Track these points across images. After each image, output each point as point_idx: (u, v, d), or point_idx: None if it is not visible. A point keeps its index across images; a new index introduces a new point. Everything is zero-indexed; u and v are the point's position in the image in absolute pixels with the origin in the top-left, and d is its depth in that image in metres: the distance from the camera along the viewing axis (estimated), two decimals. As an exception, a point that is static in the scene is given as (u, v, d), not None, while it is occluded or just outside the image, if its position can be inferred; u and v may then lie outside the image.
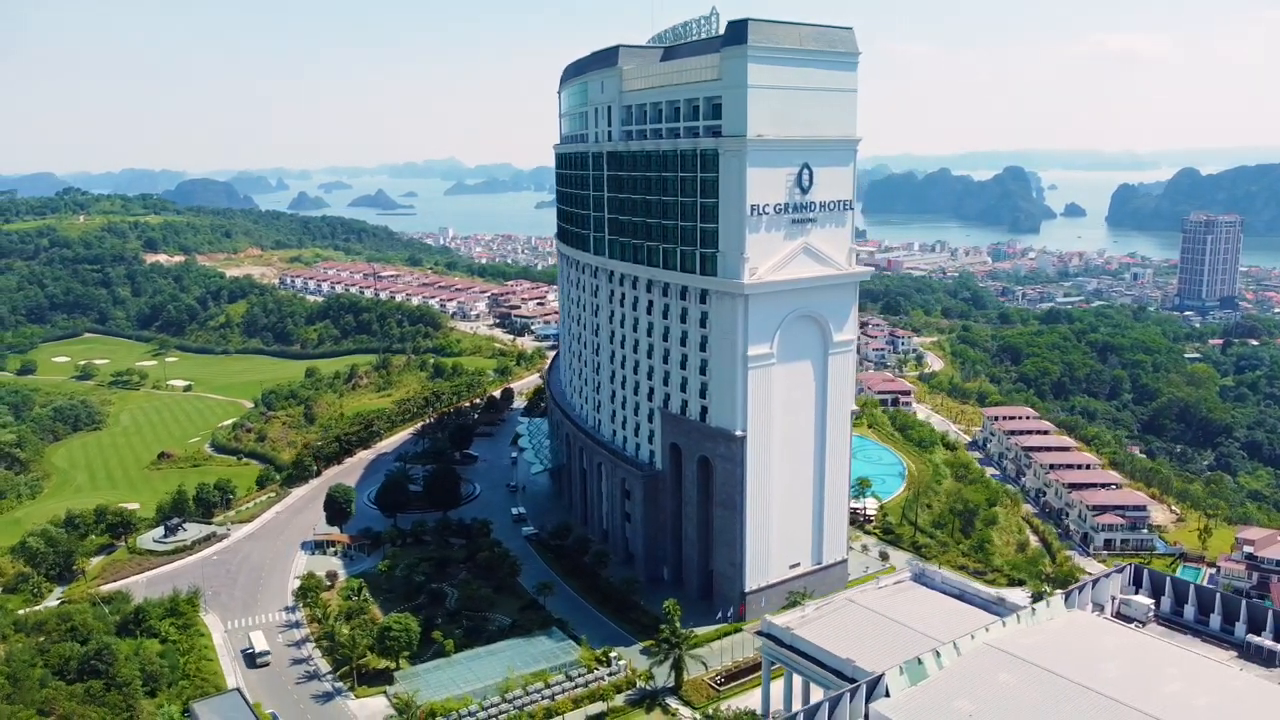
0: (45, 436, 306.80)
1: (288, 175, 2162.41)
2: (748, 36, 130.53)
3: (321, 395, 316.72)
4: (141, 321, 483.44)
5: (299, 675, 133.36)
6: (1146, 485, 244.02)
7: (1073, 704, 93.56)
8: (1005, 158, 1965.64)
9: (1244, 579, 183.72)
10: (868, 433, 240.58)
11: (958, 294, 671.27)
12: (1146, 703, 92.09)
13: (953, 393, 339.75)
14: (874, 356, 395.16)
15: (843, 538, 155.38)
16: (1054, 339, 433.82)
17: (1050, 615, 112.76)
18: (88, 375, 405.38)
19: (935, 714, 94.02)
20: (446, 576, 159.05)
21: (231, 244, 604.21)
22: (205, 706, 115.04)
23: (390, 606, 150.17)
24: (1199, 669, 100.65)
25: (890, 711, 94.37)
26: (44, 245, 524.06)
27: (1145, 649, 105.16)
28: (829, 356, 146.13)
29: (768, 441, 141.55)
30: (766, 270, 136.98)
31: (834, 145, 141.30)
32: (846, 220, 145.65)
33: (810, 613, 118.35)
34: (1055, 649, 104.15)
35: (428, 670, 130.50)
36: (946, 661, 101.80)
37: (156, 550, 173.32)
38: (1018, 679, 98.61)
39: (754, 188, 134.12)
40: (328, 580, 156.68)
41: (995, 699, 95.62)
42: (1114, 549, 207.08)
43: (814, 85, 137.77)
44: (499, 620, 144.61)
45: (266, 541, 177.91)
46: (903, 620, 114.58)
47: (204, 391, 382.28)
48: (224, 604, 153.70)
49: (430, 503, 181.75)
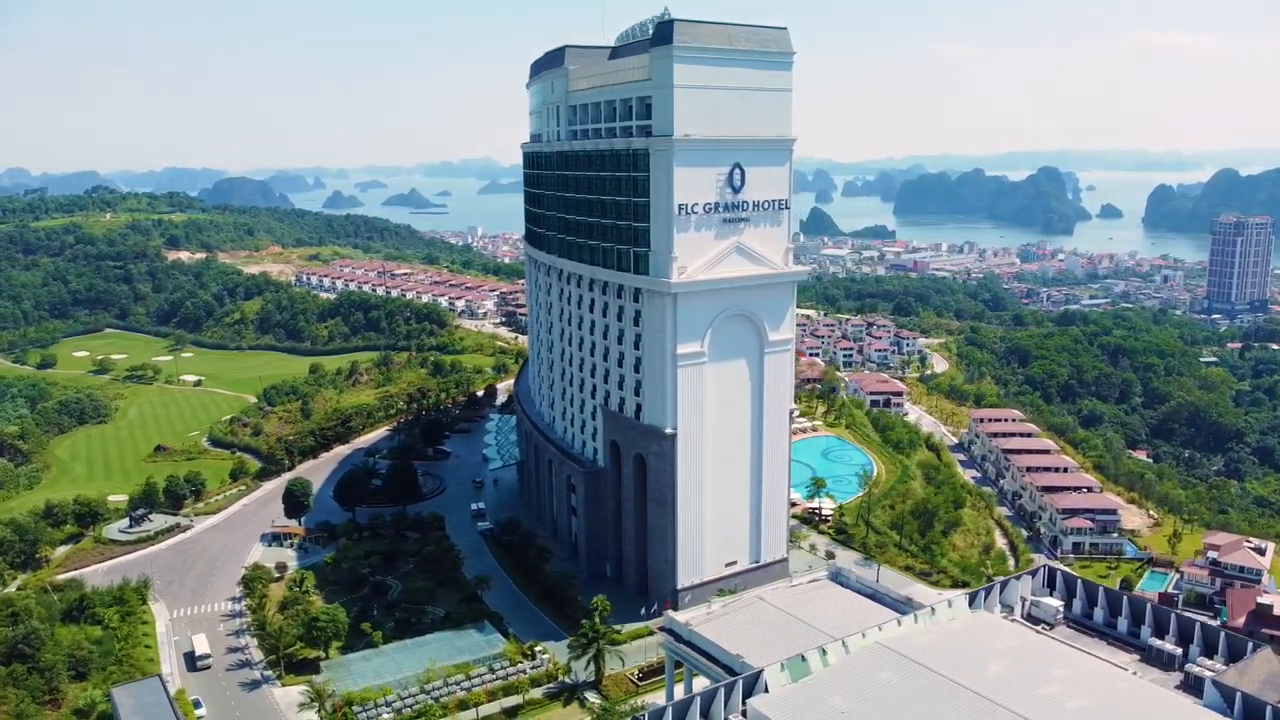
0: (50, 429, 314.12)
1: (325, 174, 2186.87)
2: (673, 37, 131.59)
3: (321, 391, 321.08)
4: (160, 317, 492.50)
5: (232, 663, 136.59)
6: (1128, 490, 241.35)
7: (946, 702, 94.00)
8: (1047, 158, 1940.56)
9: (1206, 584, 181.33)
10: (844, 433, 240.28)
11: (978, 296, 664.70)
12: (1018, 703, 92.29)
13: (951, 394, 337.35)
14: (876, 357, 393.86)
15: (783, 536, 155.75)
16: (1064, 341, 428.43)
17: (952, 616, 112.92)
18: (104, 370, 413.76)
19: (809, 710, 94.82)
20: (393, 569, 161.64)
21: (254, 241, 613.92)
22: (124, 691, 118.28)
23: (334, 598, 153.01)
24: (1085, 671, 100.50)
25: (765, 707, 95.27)
26: (69, 242, 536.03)
27: (1036, 651, 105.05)
28: (765, 355, 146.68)
29: (700, 439, 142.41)
30: (696, 269, 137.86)
31: (768, 145, 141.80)
32: (783, 220, 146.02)
33: (717, 609, 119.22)
34: (945, 649, 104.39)
35: (355, 660, 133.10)
36: (833, 659, 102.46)
37: (120, 540, 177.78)
38: (899, 677, 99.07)
39: (681, 187, 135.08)
40: (277, 572, 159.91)
41: (872, 696, 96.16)
42: (1082, 553, 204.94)
43: (745, 85, 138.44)
44: (434, 613, 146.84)
45: (228, 533, 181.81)
46: (806, 619, 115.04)
47: (214, 387, 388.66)
48: (174, 593, 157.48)
49: (389, 497, 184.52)
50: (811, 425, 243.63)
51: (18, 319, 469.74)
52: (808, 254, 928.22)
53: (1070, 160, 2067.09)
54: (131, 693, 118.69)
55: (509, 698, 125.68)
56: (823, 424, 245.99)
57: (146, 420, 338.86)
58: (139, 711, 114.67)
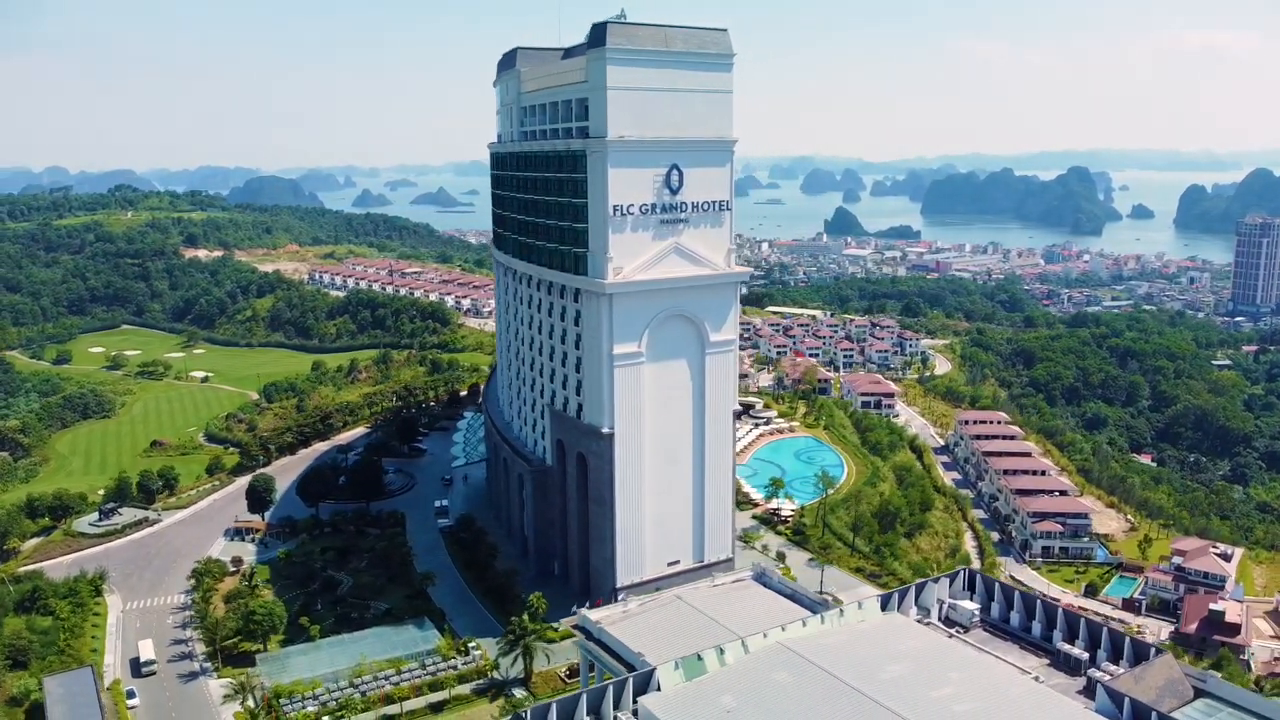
0: (54, 423, 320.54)
1: (357, 173, 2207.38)
2: (606, 39, 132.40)
3: (319, 389, 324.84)
4: (175, 314, 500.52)
5: (174, 655, 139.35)
6: (1109, 494, 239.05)
7: (834, 703, 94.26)
8: (1080, 157, 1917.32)
9: (1170, 590, 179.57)
10: (822, 434, 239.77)
11: (995, 297, 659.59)
12: (905, 705, 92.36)
13: (947, 396, 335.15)
14: (877, 358, 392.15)
15: (728, 537, 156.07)
16: (1071, 344, 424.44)
17: (862, 617, 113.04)
18: (117, 365, 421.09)
19: (697, 708, 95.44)
20: (347, 565, 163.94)
21: (271, 240, 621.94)
22: (55, 680, 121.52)
23: (285, 592, 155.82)
24: (983, 675, 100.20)
25: (654, 705, 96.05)
26: (90, 240, 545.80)
27: (938, 654, 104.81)
28: (706, 356, 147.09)
29: (639, 439, 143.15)
30: (633, 269, 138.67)
31: (707, 146, 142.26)
32: (724, 221, 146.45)
33: (634, 608, 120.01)
34: (846, 650, 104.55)
35: (292, 654, 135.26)
36: (730, 659, 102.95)
37: (89, 534, 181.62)
38: (793, 678, 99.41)
39: (616, 188, 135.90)
40: (232, 566, 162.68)
41: (762, 696, 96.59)
42: (1051, 557, 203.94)
43: (683, 87, 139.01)
44: (378, 608, 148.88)
45: (194, 527, 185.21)
46: (719, 618, 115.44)
47: (220, 383, 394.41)
48: (131, 586, 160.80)
49: (352, 494, 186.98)
50: (789, 426, 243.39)
51: (36, 315, 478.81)
52: (828, 254, 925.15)
53: (1103, 160, 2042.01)
54: (62, 682, 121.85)
55: (435, 693, 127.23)
56: (801, 425, 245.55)
57: (149, 416, 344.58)
58: (66, 700, 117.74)
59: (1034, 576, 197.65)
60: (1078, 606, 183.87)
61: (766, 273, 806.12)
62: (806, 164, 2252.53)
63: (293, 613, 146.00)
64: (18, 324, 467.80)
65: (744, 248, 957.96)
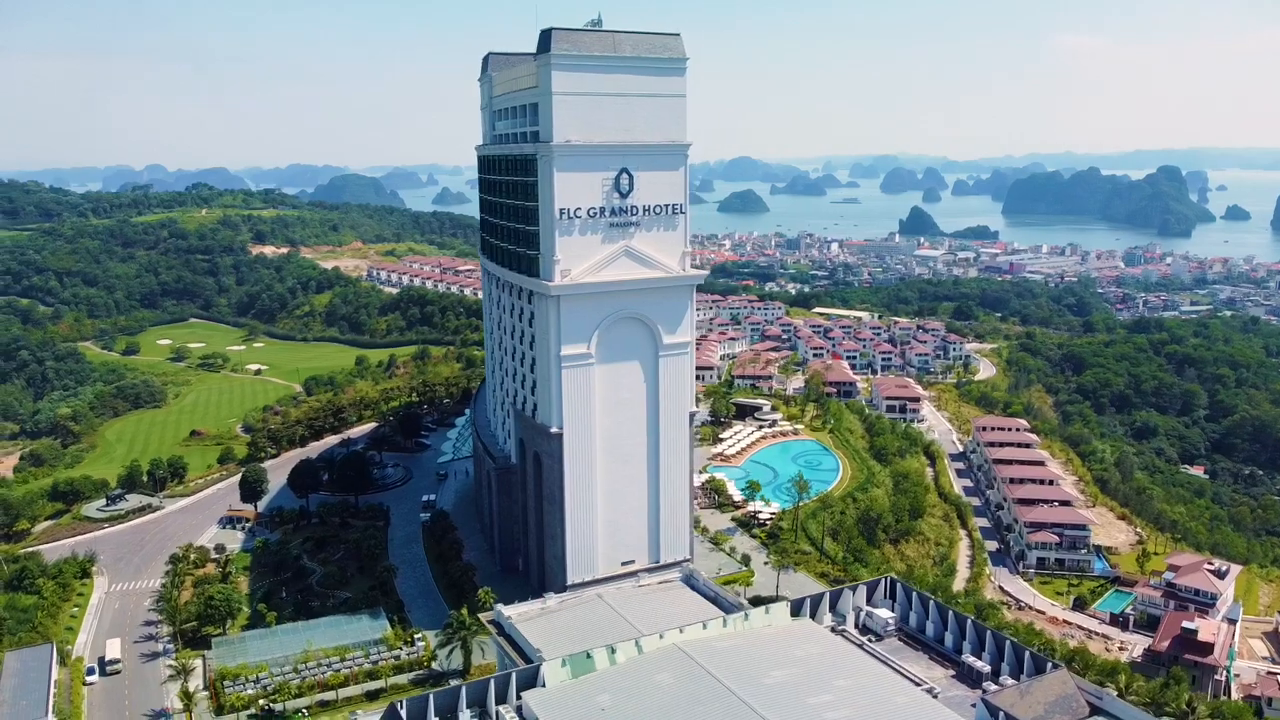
0: (105, 412, 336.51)
1: (440, 171, 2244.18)
2: (551, 45, 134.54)
3: (356, 383, 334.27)
4: (240, 309, 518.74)
5: (141, 635, 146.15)
6: (1121, 505, 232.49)
7: (707, 706, 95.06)
8: (1177, 156, 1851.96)
9: (1160, 606, 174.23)
10: (824, 437, 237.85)
11: (1061, 300, 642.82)
12: (775, 710, 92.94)
13: (981, 402, 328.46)
14: (917, 362, 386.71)
15: (685, 539, 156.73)
16: (1125, 349, 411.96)
17: (768, 621, 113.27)
18: (181, 357, 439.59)
19: (573, 705, 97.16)
20: (323, 555, 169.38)
21: (337, 237, 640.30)
22: (14, 655, 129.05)
23: (261, 579, 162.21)
24: (870, 684, 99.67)
25: (534, 700, 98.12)
26: (164, 236, 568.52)
27: (831, 661, 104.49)
28: (660, 359, 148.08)
29: (589, 439, 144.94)
30: (581, 272, 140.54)
31: (658, 150, 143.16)
32: (678, 224, 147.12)
33: (552, 605, 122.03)
34: (738, 653, 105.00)
35: (247, 638, 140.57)
36: (621, 658, 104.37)
37: (94, 518, 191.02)
38: (675, 679, 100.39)
39: (563, 191, 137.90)
40: (216, 553, 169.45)
41: (640, 696, 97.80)
42: (1047, 568, 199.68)
43: (633, 91, 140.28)
44: (340, 597, 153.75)
45: (193, 515, 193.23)
46: (632, 619, 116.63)
47: (272, 376, 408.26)
48: (119, 569, 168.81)
49: (341, 486, 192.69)
50: (794, 429, 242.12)
51: (110, 308, 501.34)
52: (897, 255, 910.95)
53: (1202, 159, 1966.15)
54: (20, 657, 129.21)
55: (373, 682, 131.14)
56: (806, 428, 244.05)
57: (198, 407, 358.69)
58: (19, 674, 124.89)
59: (1023, 588, 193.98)
60: (1062, 620, 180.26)
61: (830, 273, 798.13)
62: (889, 163, 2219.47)
63: (257, 599, 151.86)
64: (93, 316, 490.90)
65: (811, 248, 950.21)
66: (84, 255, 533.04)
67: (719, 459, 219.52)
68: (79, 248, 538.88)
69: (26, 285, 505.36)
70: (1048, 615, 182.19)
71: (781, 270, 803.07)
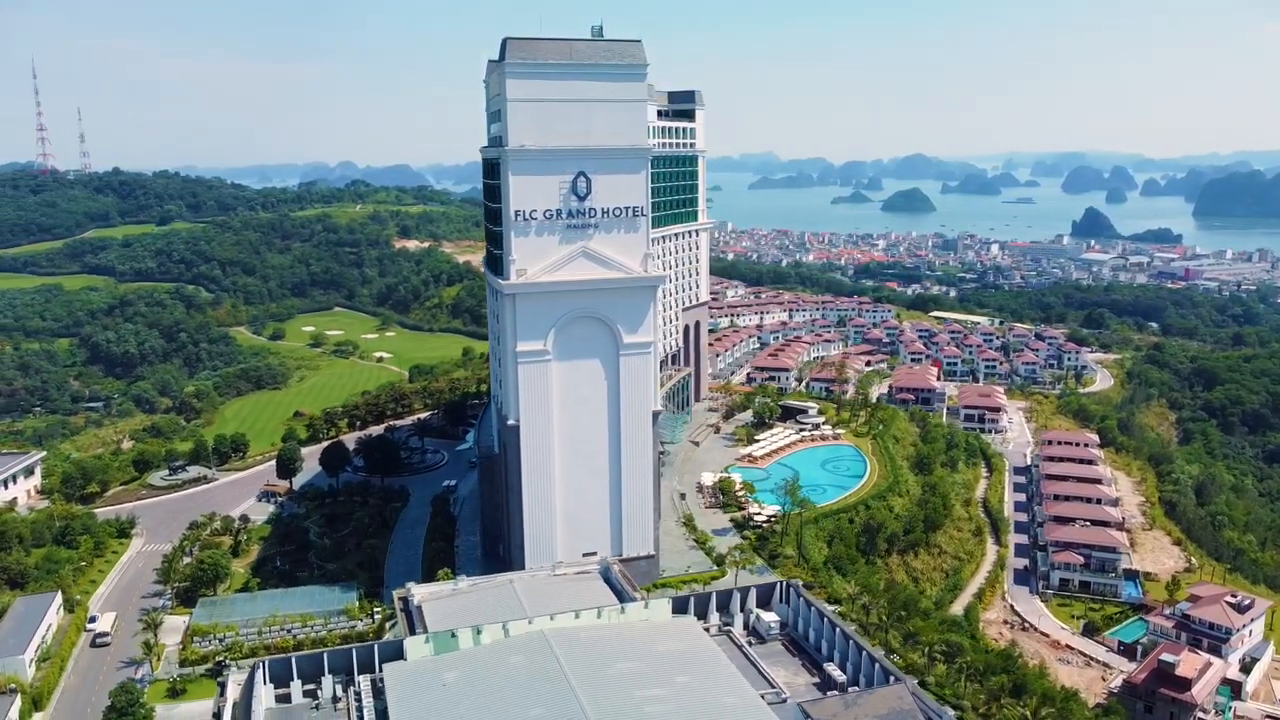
0: (229, 392, 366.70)
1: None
2: (506, 55, 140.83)
3: (450, 373, 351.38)
4: (379, 299, 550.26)
5: (149, 591, 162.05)
6: (1182, 530, 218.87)
7: (537, 689, 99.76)
8: None
9: (1170, 637, 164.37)
10: (863, 442, 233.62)
11: (1226, 310, 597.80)
12: (598, 699, 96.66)
13: (1078, 415, 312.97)
14: (1024, 370, 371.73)
15: (649, 533, 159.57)
16: (1267, 364, 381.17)
17: (646, 616, 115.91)
18: (318, 343, 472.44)
19: (421, 679, 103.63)
20: (332, 529, 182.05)
21: (478, 233, 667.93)
22: (24, 600, 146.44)
23: (270, 548, 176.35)
24: (707, 685, 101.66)
25: (390, 672, 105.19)
26: (318, 230, 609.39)
27: (683, 659, 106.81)
28: (621, 357, 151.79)
29: (547, 432, 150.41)
30: (537, 271, 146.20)
31: (617, 154, 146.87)
32: (639, 226, 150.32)
33: (464, 586, 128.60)
34: (595, 644, 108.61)
35: (229, 600, 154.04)
36: (486, 639, 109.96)
37: (156, 485, 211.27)
38: (526, 663, 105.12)
39: (518, 193, 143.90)
40: (240, 522, 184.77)
41: (486, 677, 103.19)
42: (1070, 589, 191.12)
43: (591, 97, 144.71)
44: (328, 569, 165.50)
45: (239, 488, 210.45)
46: (529, 604, 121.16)
47: (393, 364, 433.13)
48: (156, 532, 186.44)
49: (369, 468, 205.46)
50: (834, 434, 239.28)
51: (264, 296, 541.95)
52: (1056, 258, 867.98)
53: None
54: (28, 602, 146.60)
55: (322, 649, 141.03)
56: (850, 433, 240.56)
57: (315, 390, 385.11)
58: (21, 617, 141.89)
59: (1037, 609, 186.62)
60: (1064, 645, 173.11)
61: (979, 276, 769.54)
62: (1074, 160, 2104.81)
63: (254, 565, 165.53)
64: (248, 303, 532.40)
65: (969, 249, 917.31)
66: (246, 246, 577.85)
67: (747, 460, 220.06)
68: (242, 239, 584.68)
69: (196, 273, 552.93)
70: (1050, 639, 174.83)
71: (929, 272, 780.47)
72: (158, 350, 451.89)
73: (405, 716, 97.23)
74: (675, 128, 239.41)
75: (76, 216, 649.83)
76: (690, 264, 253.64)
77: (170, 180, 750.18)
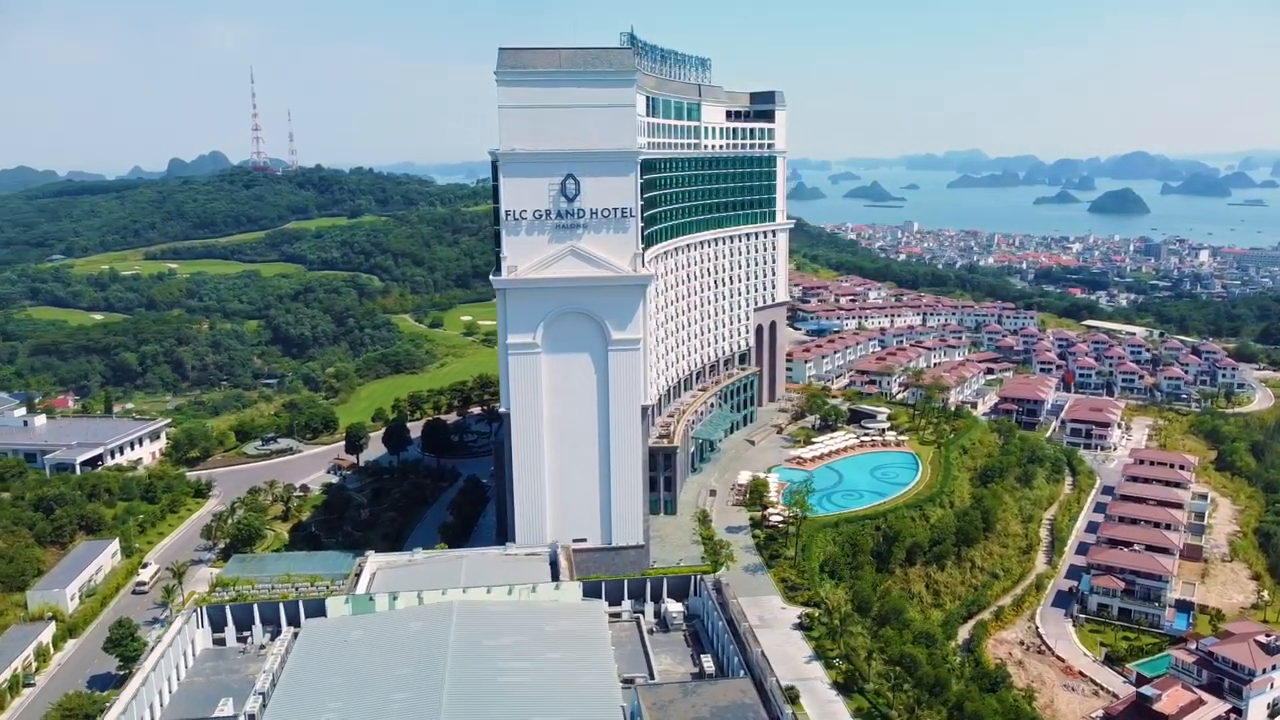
0: (369, 374, 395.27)
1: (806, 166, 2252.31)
2: (497, 64, 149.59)
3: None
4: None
5: (201, 546, 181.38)
6: (1267, 563, 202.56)
7: (417, 653, 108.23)
8: None
9: (1192, 673, 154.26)
10: (926, 450, 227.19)
11: None
12: (462, 667, 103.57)
13: (1210, 436, 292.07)
14: (1166, 386, 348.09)
15: (638, 524, 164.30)
16: None
17: (556, 597, 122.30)
18: (471, 332, 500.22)
19: (331, 634, 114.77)
20: (377, 503, 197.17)
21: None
22: (87, 545, 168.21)
23: (316, 515, 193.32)
24: (572, 662, 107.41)
25: (309, 626, 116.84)
26: (486, 224, 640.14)
27: (567, 638, 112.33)
28: (610, 353, 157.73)
29: (536, 422, 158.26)
30: (527, 269, 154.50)
31: (606, 156, 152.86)
32: (629, 226, 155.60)
33: (418, 559, 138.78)
34: (493, 619, 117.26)
35: (260, 559, 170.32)
36: (401, 604, 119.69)
37: (250, 454, 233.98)
38: (422, 629, 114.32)
39: (509, 194, 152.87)
40: (300, 491, 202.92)
41: (383, 637, 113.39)
42: (1107, 615, 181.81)
43: (580, 103, 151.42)
44: (354, 536, 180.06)
45: (317, 461, 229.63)
46: (469, 580, 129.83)
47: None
48: (230, 495, 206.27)
49: (427, 448, 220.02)
50: (897, 440, 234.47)
51: (430, 287, 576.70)
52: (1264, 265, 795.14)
53: None
54: (90, 546, 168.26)
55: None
56: (914, 439, 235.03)
57: (448, 374, 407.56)
58: (77, 558, 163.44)
59: (1064, 633, 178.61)
60: (1077, 672, 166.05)
61: (1174, 284, 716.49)
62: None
63: (292, 530, 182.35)
64: (415, 293, 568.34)
65: (1174, 254, 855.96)
66: (418, 239, 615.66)
67: (795, 461, 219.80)
68: (416, 232, 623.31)
69: (373, 263, 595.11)
70: (1065, 664, 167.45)
71: (1118, 279, 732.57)
72: (328, 333, 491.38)
73: (302, 662, 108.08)
74: (750, 129, 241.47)
75: (280, 209, 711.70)
76: (765, 264, 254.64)
77: (363, 176, 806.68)
